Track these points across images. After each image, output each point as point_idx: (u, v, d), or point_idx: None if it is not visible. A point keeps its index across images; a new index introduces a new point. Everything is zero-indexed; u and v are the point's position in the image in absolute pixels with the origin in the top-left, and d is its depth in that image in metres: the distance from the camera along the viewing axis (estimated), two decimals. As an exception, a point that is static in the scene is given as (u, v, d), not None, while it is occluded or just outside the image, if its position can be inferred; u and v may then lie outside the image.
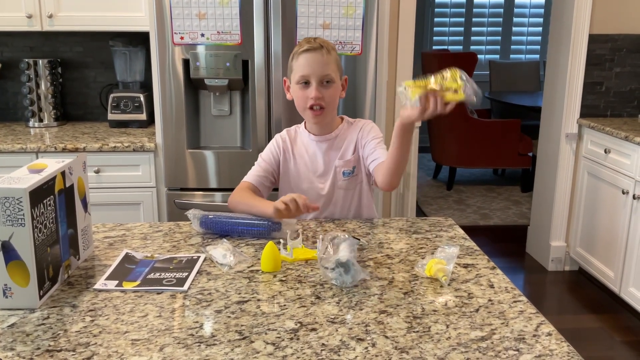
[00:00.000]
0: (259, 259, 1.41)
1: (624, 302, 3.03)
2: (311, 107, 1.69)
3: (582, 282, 3.47)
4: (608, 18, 3.30)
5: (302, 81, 1.69)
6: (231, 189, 1.76)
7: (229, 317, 1.14)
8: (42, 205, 1.17)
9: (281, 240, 1.46)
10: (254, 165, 1.83)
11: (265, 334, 1.07)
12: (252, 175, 1.79)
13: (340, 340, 1.05)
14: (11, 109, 3.18)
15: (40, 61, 2.96)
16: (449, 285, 1.28)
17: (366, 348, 1.03)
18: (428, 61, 5.22)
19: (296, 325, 1.11)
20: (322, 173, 1.79)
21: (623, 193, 2.95)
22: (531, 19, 6.84)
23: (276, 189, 1.87)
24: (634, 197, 2.87)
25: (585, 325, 2.98)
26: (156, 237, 1.58)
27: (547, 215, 3.61)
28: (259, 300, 1.21)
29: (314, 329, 1.09)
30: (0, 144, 2.59)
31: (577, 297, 3.30)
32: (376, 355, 1.01)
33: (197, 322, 1.12)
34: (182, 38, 2.41)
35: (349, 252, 1.31)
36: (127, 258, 1.42)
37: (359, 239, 1.50)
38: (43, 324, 1.11)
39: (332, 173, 1.78)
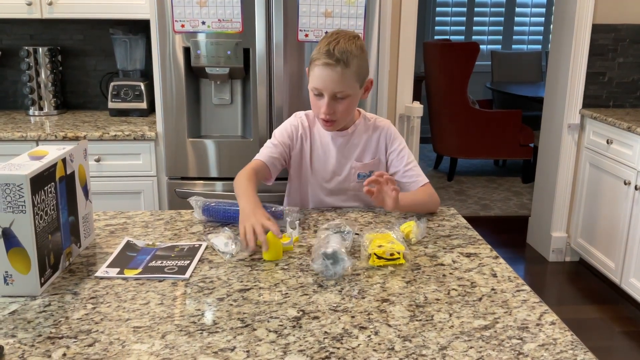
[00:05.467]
0: (260, 247, 1.40)
1: (624, 292, 3.03)
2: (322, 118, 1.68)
3: (583, 273, 3.47)
4: (611, 8, 3.28)
5: (315, 92, 1.65)
6: (232, 178, 1.74)
7: (231, 305, 1.13)
8: (43, 192, 1.16)
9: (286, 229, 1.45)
10: (266, 143, 1.77)
11: (268, 322, 1.07)
12: (266, 154, 1.73)
13: (343, 328, 1.05)
14: (11, 97, 3.16)
15: (40, 49, 2.94)
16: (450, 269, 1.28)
17: (369, 336, 1.02)
18: (430, 51, 5.19)
19: (298, 313, 1.10)
20: (334, 168, 1.77)
21: (625, 184, 2.94)
22: (533, 9, 6.80)
23: (285, 178, 1.86)
24: (635, 188, 2.87)
25: (585, 316, 2.99)
26: (157, 225, 1.57)
27: (548, 206, 3.61)
28: (260, 288, 1.21)
29: (316, 317, 1.09)
30: (0, 132, 2.58)
31: (577, 287, 3.30)
32: (379, 344, 1.00)
33: (199, 309, 1.12)
34: (182, 26, 2.39)
35: (338, 243, 1.29)
36: (129, 246, 1.42)
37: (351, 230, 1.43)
38: (44, 311, 1.11)
39: (345, 172, 1.77)
